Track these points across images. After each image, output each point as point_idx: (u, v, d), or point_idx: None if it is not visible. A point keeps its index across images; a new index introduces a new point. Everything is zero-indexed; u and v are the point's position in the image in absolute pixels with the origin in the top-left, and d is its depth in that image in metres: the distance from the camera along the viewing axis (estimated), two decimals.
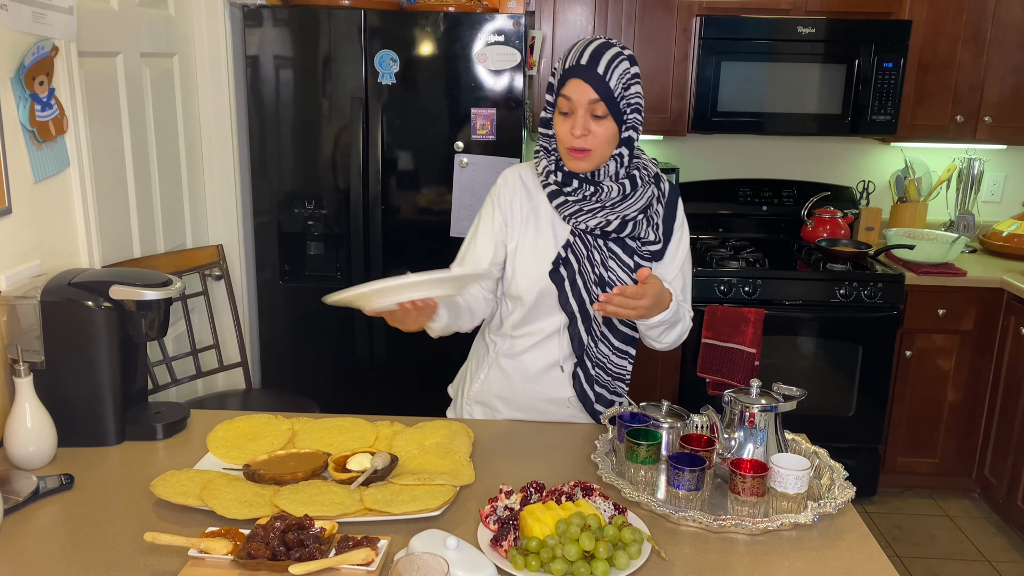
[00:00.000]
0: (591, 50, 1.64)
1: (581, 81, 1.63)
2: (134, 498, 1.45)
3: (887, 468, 3.36)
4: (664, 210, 1.79)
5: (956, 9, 3.23)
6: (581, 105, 1.63)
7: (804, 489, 1.41)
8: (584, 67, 1.62)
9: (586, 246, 1.73)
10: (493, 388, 1.87)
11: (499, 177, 1.84)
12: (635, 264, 1.74)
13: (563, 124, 1.67)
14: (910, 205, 3.60)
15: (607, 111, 1.63)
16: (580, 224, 1.71)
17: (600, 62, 1.62)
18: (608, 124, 1.65)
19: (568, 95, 1.64)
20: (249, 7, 2.75)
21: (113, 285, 1.64)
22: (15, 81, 1.72)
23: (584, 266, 1.73)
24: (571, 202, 1.71)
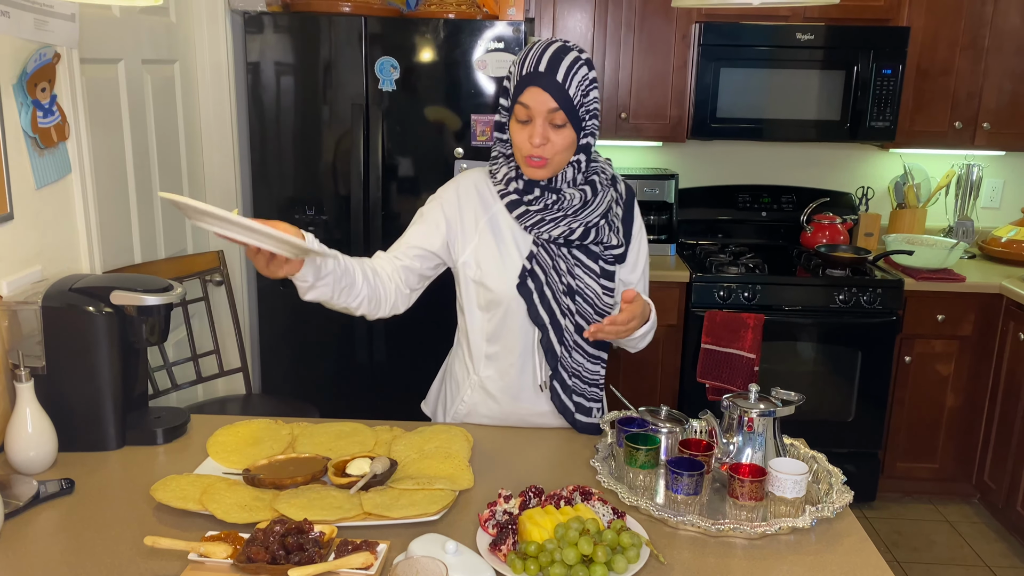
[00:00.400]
0: (549, 55, 1.58)
1: (540, 90, 1.57)
2: (134, 502, 1.45)
3: (886, 473, 3.36)
4: (623, 212, 1.78)
5: (954, 16, 3.24)
6: (540, 114, 1.58)
7: (802, 493, 1.41)
8: (543, 74, 1.57)
9: (551, 255, 1.70)
10: (480, 409, 1.84)
11: (451, 182, 1.78)
12: (600, 269, 1.72)
13: (521, 132, 1.62)
14: (909, 211, 3.61)
15: (566, 119, 1.59)
16: (543, 234, 1.68)
17: (559, 69, 1.57)
18: (567, 132, 1.61)
19: (526, 103, 1.59)
20: (250, 14, 2.77)
21: (114, 291, 1.65)
22: (17, 88, 1.73)
23: (551, 276, 1.70)
24: (532, 212, 1.67)
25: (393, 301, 1.77)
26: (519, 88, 1.61)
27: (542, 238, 1.70)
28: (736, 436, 1.54)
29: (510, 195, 1.69)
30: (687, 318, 3.17)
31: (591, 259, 1.72)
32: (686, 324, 3.18)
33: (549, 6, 3.25)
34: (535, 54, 1.60)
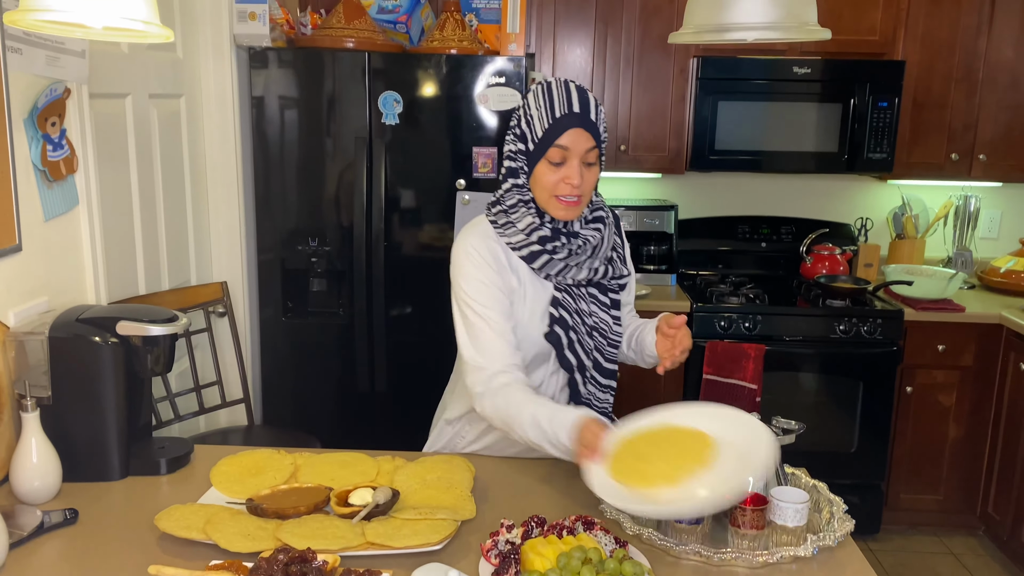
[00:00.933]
0: (578, 95, 1.59)
1: (582, 130, 1.58)
2: (138, 532, 1.45)
3: (890, 505, 3.34)
4: (620, 238, 1.81)
5: (948, 50, 3.29)
6: (577, 154, 1.59)
7: (804, 522, 1.41)
8: (580, 115, 1.58)
9: (573, 297, 1.69)
10: (494, 447, 1.83)
11: (470, 254, 1.64)
12: (610, 300, 1.73)
13: (553, 173, 1.59)
14: (908, 241, 3.63)
15: (598, 157, 1.62)
16: (567, 279, 1.67)
17: (590, 107, 1.59)
18: (596, 170, 1.63)
19: (566, 144, 1.58)
20: (255, 49, 2.82)
21: (120, 321, 1.67)
22: (28, 122, 1.76)
23: (575, 319, 1.68)
24: (556, 260, 1.65)
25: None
26: (556, 130, 1.58)
27: (565, 283, 1.68)
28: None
29: (531, 246, 1.64)
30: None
31: (602, 292, 1.72)
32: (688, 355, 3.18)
33: (549, 42, 3.31)
34: (563, 95, 1.58)
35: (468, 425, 1.85)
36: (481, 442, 1.84)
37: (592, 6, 3.28)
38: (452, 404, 1.88)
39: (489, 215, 1.70)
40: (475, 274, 1.64)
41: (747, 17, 1.35)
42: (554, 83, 1.62)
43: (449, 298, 1.82)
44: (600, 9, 3.28)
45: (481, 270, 1.63)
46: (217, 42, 2.78)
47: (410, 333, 2.98)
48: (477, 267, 1.64)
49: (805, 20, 1.38)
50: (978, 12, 3.26)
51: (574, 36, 3.30)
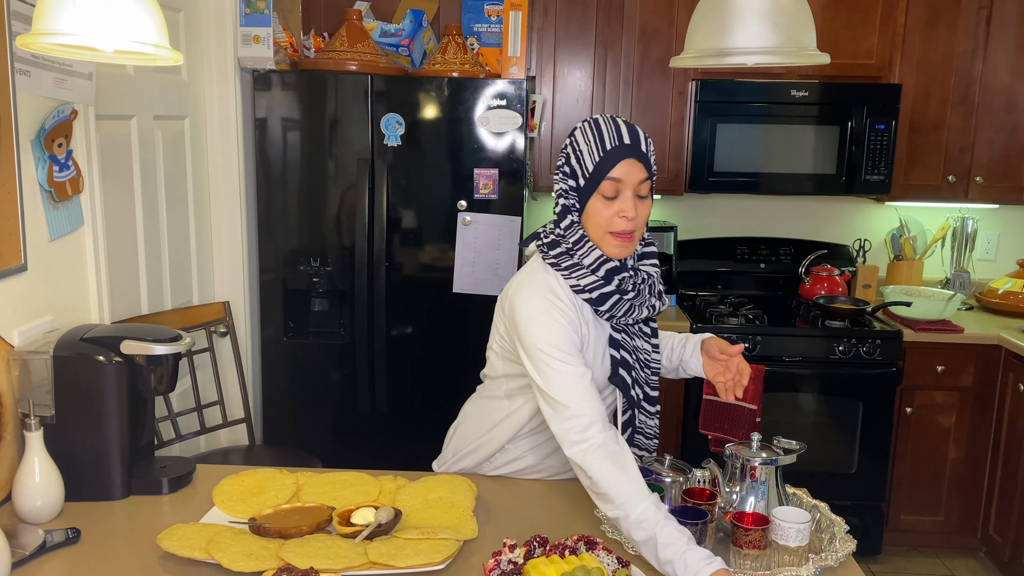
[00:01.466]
0: (627, 127, 1.57)
1: (635, 161, 1.55)
2: (140, 552, 1.46)
3: (891, 526, 3.34)
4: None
5: (944, 73, 3.33)
6: (630, 186, 1.56)
7: (805, 542, 1.42)
8: (631, 146, 1.55)
9: (630, 336, 1.68)
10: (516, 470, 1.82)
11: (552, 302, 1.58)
12: (651, 330, 1.73)
13: (607, 208, 1.56)
14: (906, 263, 3.65)
15: (649, 189, 1.60)
16: (629, 319, 1.65)
17: (640, 138, 1.57)
18: (648, 203, 1.60)
19: (619, 176, 1.55)
20: (259, 72, 2.85)
21: (124, 340, 1.68)
22: (35, 143, 1.78)
23: (633, 358, 1.67)
24: (625, 300, 1.62)
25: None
26: (608, 162, 1.54)
27: (625, 322, 1.65)
28: (739, 485, 1.55)
29: (601, 288, 1.60)
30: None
31: (646, 324, 1.72)
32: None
33: (550, 65, 3.34)
34: (612, 128, 1.56)
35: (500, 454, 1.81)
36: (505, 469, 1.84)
37: (592, 30, 3.32)
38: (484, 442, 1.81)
39: (547, 258, 1.63)
40: (559, 323, 1.57)
41: (747, 42, 1.37)
42: (601, 118, 1.59)
43: (449, 318, 1.82)
44: (600, 33, 3.32)
45: (564, 320, 1.57)
46: (221, 64, 2.81)
47: (411, 353, 2.99)
48: (559, 316, 1.57)
49: (804, 45, 1.41)
50: (973, 36, 3.30)
51: (574, 59, 3.34)
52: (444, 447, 1.98)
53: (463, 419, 1.92)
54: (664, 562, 1.35)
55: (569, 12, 3.31)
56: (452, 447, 1.93)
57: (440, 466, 1.95)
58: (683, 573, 1.31)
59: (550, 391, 1.54)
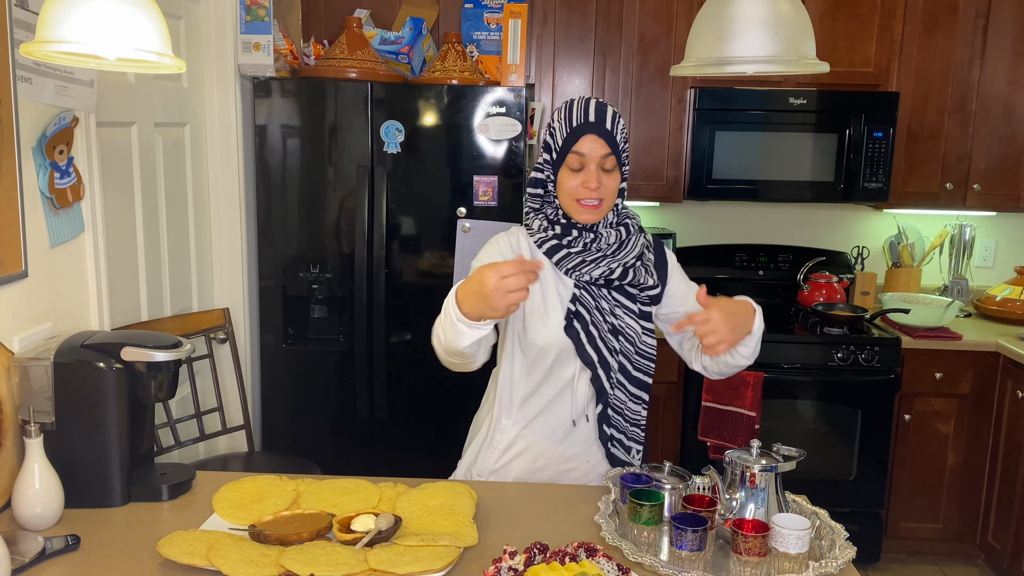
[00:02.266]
0: (595, 107, 1.73)
1: (596, 136, 1.71)
2: (140, 559, 1.45)
3: (890, 533, 3.34)
4: (655, 256, 1.86)
5: (942, 81, 3.34)
6: (593, 160, 1.71)
7: (805, 549, 1.42)
8: (595, 123, 1.71)
9: (592, 296, 1.77)
10: (511, 454, 1.85)
11: (490, 246, 1.83)
12: (639, 310, 1.80)
13: (573, 179, 1.73)
14: (904, 270, 3.66)
15: (615, 164, 1.73)
16: (584, 276, 1.76)
17: (607, 118, 1.72)
18: (615, 176, 1.74)
19: (581, 151, 1.71)
20: (259, 79, 2.85)
21: (125, 347, 1.68)
22: (36, 150, 1.78)
23: (595, 316, 1.76)
24: (573, 254, 1.75)
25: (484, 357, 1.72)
26: (573, 138, 1.72)
27: (583, 280, 1.77)
28: (739, 492, 1.55)
29: (549, 241, 1.77)
30: (687, 376, 3.19)
31: (630, 300, 1.79)
32: (686, 382, 3.21)
33: (549, 72, 3.35)
34: (581, 107, 1.73)
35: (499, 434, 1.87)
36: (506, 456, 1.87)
37: (591, 38, 3.33)
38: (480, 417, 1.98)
39: (527, 196, 1.84)
40: (495, 245, 1.81)
41: (747, 51, 1.38)
42: (576, 99, 1.76)
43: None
44: (599, 41, 3.33)
45: (500, 247, 1.81)
46: (222, 72, 2.82)
47: (410, 360, 2.99)
48: (498, 244, 1.82)
49: (804, 54, 1.41)
50: (970, 45, 3.31)
51: (573, 67, 3.35)
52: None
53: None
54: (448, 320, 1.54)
55: (568, 20, 3.32)
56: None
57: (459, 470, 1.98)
58: (449, 304, 1.54)
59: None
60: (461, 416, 3.05)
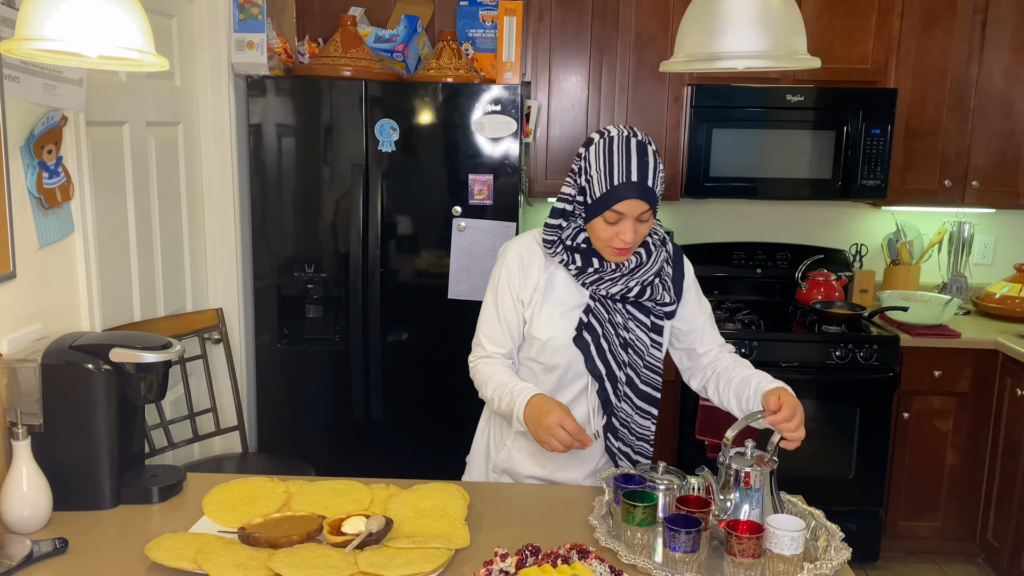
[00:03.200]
0: (636, 162, 1.64)
1: (639, 200, 1.64)
2: (128, 562, 1.44)
3: (889, 532, 3.32)
4: (673, 269, 1.85)
5: (940, 78, 3.32)
6: (631, 217, 1.66)
7: (800, 550, 1.40)
8: (638, 184, 1.63)
9: (607, 310, 1.77)
10: (520, 455, 1.88)
11: (508, 254, 1.83)
12: (652, 323, 1.79)
13: (607, 229, 1.68)
14: (903, 268, 3.64)
15: (651, 215, 1.69)
16: (602, 290, 1.75)
17: (648, 174, 1.65)
18: (649, 223, 1.71)
19: (622, 211, 1.65)
20: (253, 78, 2.84)
21: (113, 348, 1.66)
22: (24, 150, 1.77)
23: (607, 329, 1.76)
24: (590, 272, 1.75)
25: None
26: (614, 197, 1.64)
27: (599, 294, 1.75)
28: (733, 492, 1.54)
29: (571, 265, 1.76)
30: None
31: (643, 313, 1.79)
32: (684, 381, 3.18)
33: (545, 70, 3.33)
34: (622, 160, 1.64)
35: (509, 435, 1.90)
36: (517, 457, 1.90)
37: (587, 35, 3.31)
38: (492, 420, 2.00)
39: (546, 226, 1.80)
40: (505, 268, 1.82)
41: (737, 46, 1.37)
42: (616, 141, 1.67)
43: (445, 324, 1.86)
44: (595, 38, 3.31)
45: (509, 268, 1.81)
46: (215, 71, 2.80)
47: (406, 360, 2.97)
48: (508, 264, 1.82)
49: (795, 49, 1.40)
50: (968, 41, 3.29)
51: (569, 64, 3.33)
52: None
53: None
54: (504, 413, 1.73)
55: (564, 17, 3.30)
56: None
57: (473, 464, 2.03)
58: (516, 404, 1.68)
59: (483, 325, 1.87)
60: (457, 417, 3.05)
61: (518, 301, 1.81)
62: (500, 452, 1.91)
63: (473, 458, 2.02)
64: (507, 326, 1.82)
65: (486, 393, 1.80)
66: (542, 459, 1.86)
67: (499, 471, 1.92)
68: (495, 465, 1.92)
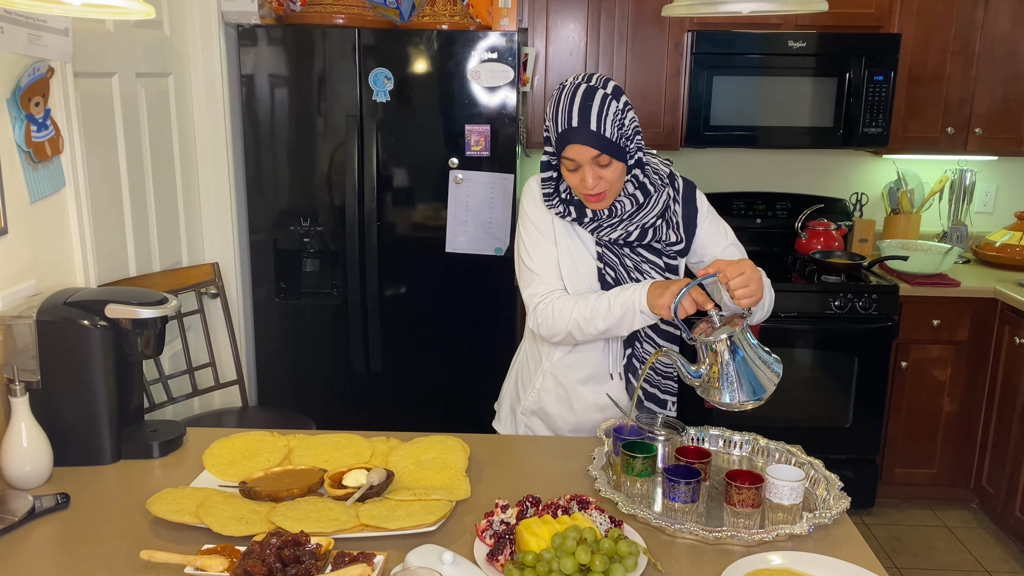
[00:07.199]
0: (578, 107, 1.64)
1: (582, 145, 1.64)
2: (130, 516, 1.45)
3: (885, 479, 3.36)
4: (683, 207, 1.83)
5: (945, 22, 3.26)
6: (585, 161, 1.66)
7: (799, 500, 1.41)
8: (577, 129, 1.64)
9: (616, 255, 1.78)
10: (549, 397, 1.90)
11: (524, 197, 1.84)
12: (664, 263, 1.80)
13: (573, 176, 1.70)
14: (903, 216, 3.62)
15: (611, 159, 1.66)
16: (603, 236, 1.76)
17: (591, 118, 1.63)
18: (615, 166, 1.68)
19: (571, 156, 1.67)
20: (244, 27, 2.77)
21: (109, 304, 1.65)
22: (11, 102, 1.73)
23: (621, 274, 1.78)
24: (587, 221, 1.76)
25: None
26: (560, 145, 1.68)
27: (603, 240, 1.77)
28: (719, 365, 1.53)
29: (567, 216, 1.78)
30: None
31: (654, 254, 1.80)
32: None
33: (542, 17, 3.26)
34: (565, 107, 1.66)
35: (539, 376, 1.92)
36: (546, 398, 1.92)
37: None
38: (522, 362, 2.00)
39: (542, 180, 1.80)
40: (529, 214, 1.82)
41: None
42: (566, 89, 1.68)
43: (442, 277, 1.83)
44: None
45: (531, 212, 1.81)
46: (205, 20, 2.74)
47: (404, 313, 2.96)
48: (529, 210, 1.82)
49: None
50: None
51: (567, 10, 3.26)
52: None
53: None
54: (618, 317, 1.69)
55: None
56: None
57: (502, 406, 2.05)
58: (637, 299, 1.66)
59: (523, 260, 1.82)
60: (456, 368, 3.05)
61: (550, 236, 1.81)
62: (528, 394, 1.93)
63: (503, 402, 2.05)
64: (551, 258, 1.80)
65: (583, 314, 1.72)
66: (571, 401, 1.88)
67: (528, 413, 1.94)
68: (524, 408, 1.94)
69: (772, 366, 1.53)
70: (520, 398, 1.96)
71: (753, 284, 1.57)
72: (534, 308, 1.78)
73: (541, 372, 1.90)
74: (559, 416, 1.90)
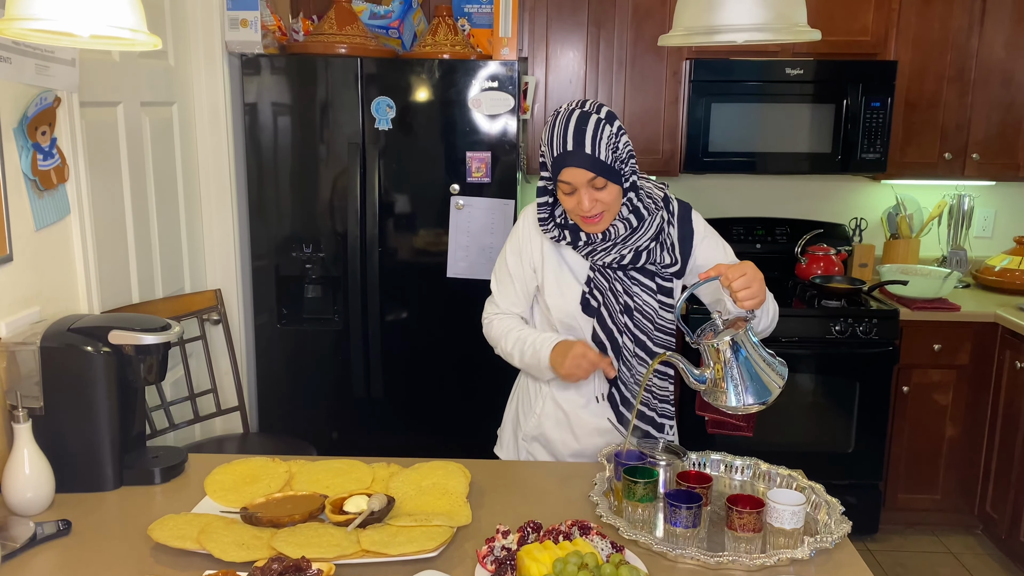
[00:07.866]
0: (572, 132, 1.68)
1: (578, 168, 1.67)
2: (132, 543, 1.45)
3: (888, 505, 3.34)
4: (678, 228, 1.84)
5: (940, 49, 3.30)
6: (581, 184, 1.69)
7: (800, 524, 1.41)
8: (572, 153, 1.67)
9: (607, 279, 1.79)
10: (550, 422, 1.91)
11: (520, 219, 1.90)
12: (657, 285, 1.81)
13: (569, 200, 1.72)
14: (903, 241, 3.63)
15: (606, 181, 1.69)
16: (597, 260, 1.78)
17: (585, 142, 1.67)
18: (611, 188, 1.70)
19: (567, 180, 1.70)
20: (247, 56, 2.81)
21: (112, 330, 1.66)
22: (18, 132, 1.75)
23: (608, 298, 1.79)
24: (582, 244, 1.78)
25: None
26: (556, 169, 1.71)
27: (597, 264, 1.79)
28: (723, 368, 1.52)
29: (563, 240, 1.81)
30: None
31: (647, 277, 1.81)
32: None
33: (542, 45, 3.31)
34: (560, 132, 1.70)
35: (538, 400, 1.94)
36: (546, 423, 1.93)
37: (584, 9, 3.28)
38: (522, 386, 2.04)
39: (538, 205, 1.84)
40: (518, 229, 1.90)
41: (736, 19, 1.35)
42: (560, 114, 1.72)
43: (444, 303, 1.85)
44: (592, 12, 3.28)
45: (522, 230, 1.88)
46: (209, 49, 2.77)
47: (406, 339, 2.97)
48: (520, 226, 1.89)
49: (794, 21, 1.38)
50: (969, 12, 3.26)
51: (567, 39, 3.30)
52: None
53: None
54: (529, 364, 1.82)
55: None
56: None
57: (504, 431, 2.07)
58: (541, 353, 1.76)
59: (494, 278, 1.94)
60: (457, 394, 3.05)
61: (529, 263, 1.86)
62: (529, 420, 1.93)
63: (505, 428, 2.06)
64: (516, 284, 1.88)
65: (504, 348, 1.87)
66: (572, 426, 1.88)
67: (529, 439, 1.95)
68: (525, 434, 1.95)
69: (777, 368, 1.54)
70: (521, 424, 1.97)
71: (756, 285, 1.57)
72: (484, 320, 1.95)
73: (541, 396, 1.91)
74: (560, 441, 1.90)
